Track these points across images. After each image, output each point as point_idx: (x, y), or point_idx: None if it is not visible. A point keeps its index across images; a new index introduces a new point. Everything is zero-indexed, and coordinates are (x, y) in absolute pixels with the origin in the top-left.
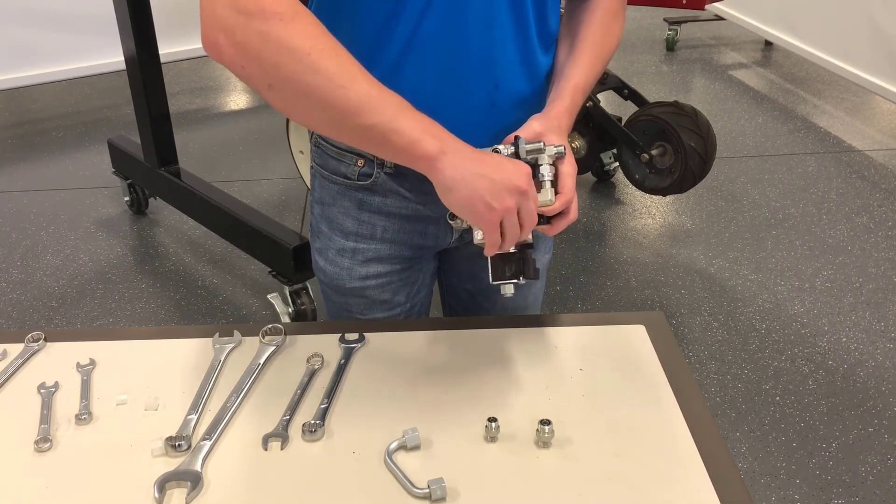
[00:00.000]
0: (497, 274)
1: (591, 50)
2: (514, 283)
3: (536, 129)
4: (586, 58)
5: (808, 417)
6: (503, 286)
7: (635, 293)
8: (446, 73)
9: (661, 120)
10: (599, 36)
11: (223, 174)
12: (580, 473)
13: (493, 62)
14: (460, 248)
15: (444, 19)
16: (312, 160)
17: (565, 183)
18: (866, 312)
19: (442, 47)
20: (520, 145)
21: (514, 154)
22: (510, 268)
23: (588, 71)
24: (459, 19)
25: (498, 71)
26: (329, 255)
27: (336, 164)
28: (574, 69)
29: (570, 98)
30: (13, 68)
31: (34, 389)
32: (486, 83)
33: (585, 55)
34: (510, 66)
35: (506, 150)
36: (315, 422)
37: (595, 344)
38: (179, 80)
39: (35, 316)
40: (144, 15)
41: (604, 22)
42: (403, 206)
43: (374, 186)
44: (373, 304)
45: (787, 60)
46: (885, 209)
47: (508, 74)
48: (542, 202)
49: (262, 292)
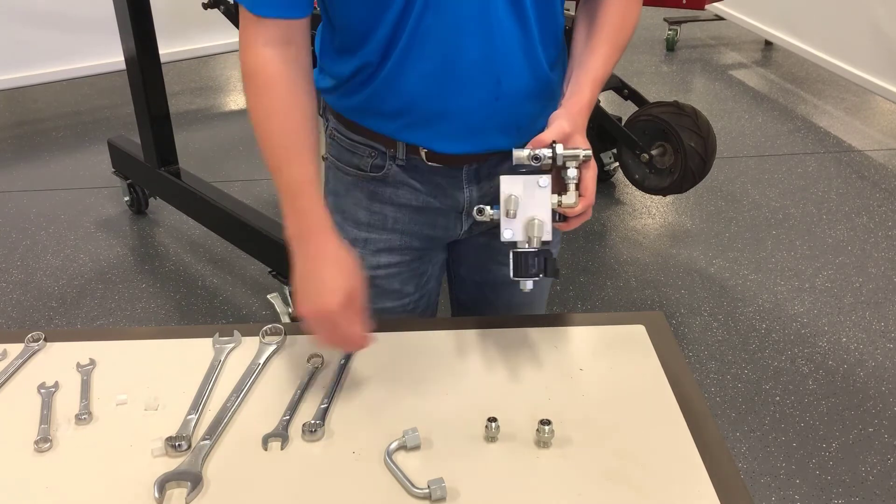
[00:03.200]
0: (519, 270)
1: (609, 38)
2: (534, 280)
3: (566, 129)
4: (604, 47)
5: (808, 417)
6: (522, 281)
7: (635, 293)
8: (447, 71)
9: (661, 120)
10: (618, 23)
11: (223, 174)
12: (580, 473)
13: (493, 59)
14: (470, 239)
15: (441, 20)
16: (327, 152)
17: (588, 186)
18: (866, 312)
19: (440, 47)
20: (557, 151)
21: (551, 158)
22: (533, 265)
23: (606, 61)
24: (456, 19)
25: (499, 67)
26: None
27: (349, 156)
28: (592, 59)
29: (590, 92)
30: (13, 68)
31: (34, 389)
32: (487, 79)
33: (603, 44)
34: (512, 61)
35: (543, 153)
36: (315, 422)
37: (595, 344)
38: (179, 80)
39: (35, 316)
40: (144, 15)
41: (621, 7)
42: (414, 197)
43: (385, 178)
44: (382, 294)
45: (787, 60)
46: (885, 209)
47: (511, 69)
48: (567, 204)
49: (262, 292)
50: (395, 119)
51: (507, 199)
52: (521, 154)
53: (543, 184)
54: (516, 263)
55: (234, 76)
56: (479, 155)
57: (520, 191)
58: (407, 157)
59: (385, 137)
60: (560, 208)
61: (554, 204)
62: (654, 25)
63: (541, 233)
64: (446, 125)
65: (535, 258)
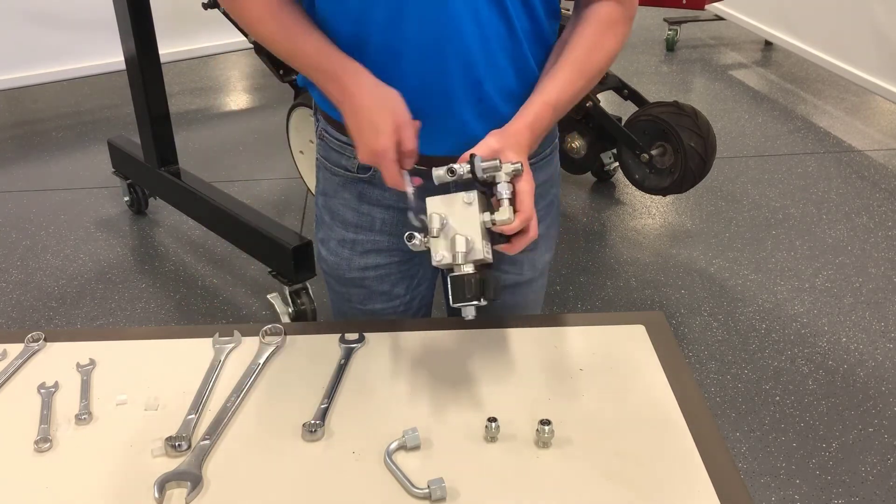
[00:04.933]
0: (457, 296)
1: (573, 65)
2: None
3: (493, 145)
4: (565, 73)
5: (808, 417)
6: (464, 308)
7: (635, 293)
8: (429, 71)
9: (661, 120)
10: (584, 51)
11: (223, 174)
12: (580, 473)
13: (475, 62)
14: None
15: (422, 20)
16: (317, 152)
17: (523, 200)
18: (866, 312)
19: (422, 47)
20: (475, 164)
21: (469, 172)
22: (470, 289)
23: (564, 87)
24: (438, 23)
25: (481, 69)
26: (331, 245)
27: (337, 157)
28: (549, 83)
29: (535, 114)
30: (13, 68)
31: (34, 389)
32: (469, 80)
33: (565, 70)
34: (495, 64)
35: (461, 168)
36: (315, 422)
37: (595, 344)
38: (179, 80)
39: (35, 316)
40: (144, 15)
41: (595, 35)
42: (401, 199)
43: (373, 179)
44: (372, 295)
45: (787, 60)
46: (885, 209)
47: (494, 72)
48: (501, 220)
49: (262, 292)
50: None
51: (431, 219)
52: (438, 172)
53: (468, 199)
54: (454, 289)
55: (233, 76)
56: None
57: (447, 209)
58: None
59: None
60: (496, 227)
61: (488, 222)
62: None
63: (468, 248)
64: (430, 127)
65: (470, 281)
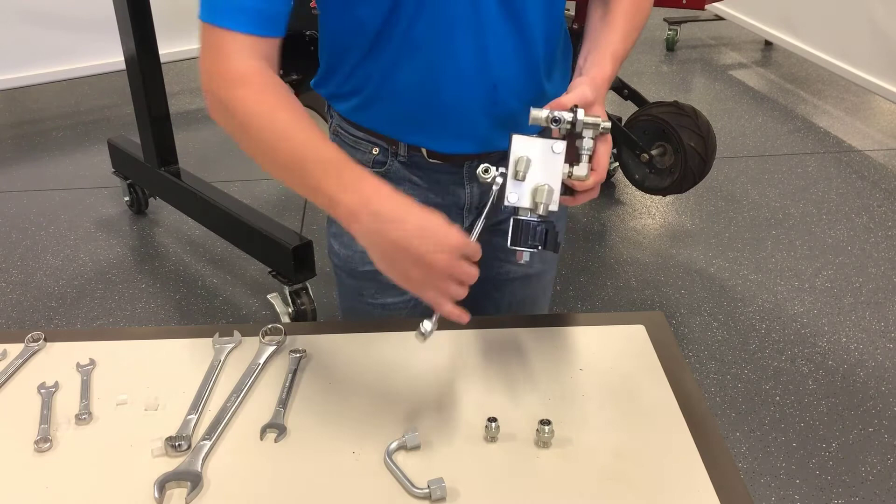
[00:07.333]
0: (517, 239)
1: (627, 16)
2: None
3: (589, 96)
4: (622, 25)
5: (808, 417)
6: (519, 251)
7: (635, 293)
8: (440, 78)
9: (661, 120)
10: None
11: (223, 174)
12: (580, 473)
13: (489, 66)
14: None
15: (433, 26)
16: None
17: (601, 161)
18: (866, 312)
19: (434, 53)
20: (578, 117)
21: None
22: (535, 236)
23: (625, 38)
24: (447, 25)
25: (495, 72)
26: (344, 239)
27: (352, 152)
28: (611, 36)
29: (611, 66)
30: (13, 68)
31: (34, 389)
32: (484, 84)
33: (621, 22)
34: (508, 67)
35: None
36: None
37: (595, 344)
38: (179, 80)
39: (35, 316)
40: (144, 15)
41: None
42: (415, 193)
43: (387, 174)
44: (385, 288)
45: (787, 60)
46: (885, 209)
47: (507, 74)
48: (577, 176)
49: (262, 292)
50: (393, 122)
51: (517, 160)
52: (539, 115)
53: (558, 150)
54: (515, 231)
55: None
56: (480, 154)
57: (532, 153)
58: (408, 154)
59: (386, 136)
60: (569, 180)
61: (564, 174)
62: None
63: (549, 200)
64: (444, 128)
65: (536, 228)
